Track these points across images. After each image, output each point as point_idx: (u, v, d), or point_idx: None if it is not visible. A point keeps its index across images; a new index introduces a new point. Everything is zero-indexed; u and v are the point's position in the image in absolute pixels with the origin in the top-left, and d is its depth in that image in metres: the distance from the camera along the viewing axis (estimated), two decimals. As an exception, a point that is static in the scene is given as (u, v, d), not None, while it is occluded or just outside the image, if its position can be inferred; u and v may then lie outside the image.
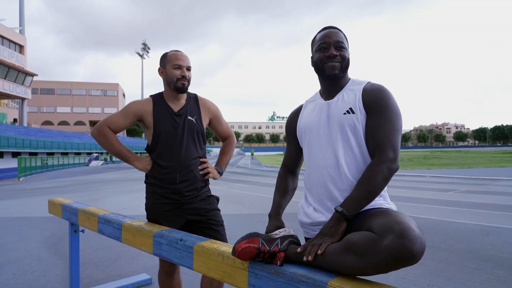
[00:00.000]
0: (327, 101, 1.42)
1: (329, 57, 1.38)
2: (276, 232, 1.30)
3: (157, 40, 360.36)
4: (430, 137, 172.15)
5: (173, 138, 1.99)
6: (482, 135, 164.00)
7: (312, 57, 1.46)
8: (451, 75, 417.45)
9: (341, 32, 1.44)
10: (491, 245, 4.36)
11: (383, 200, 1.32)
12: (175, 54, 2.00)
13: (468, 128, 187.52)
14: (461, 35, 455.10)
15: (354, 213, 1.20)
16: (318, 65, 1.41)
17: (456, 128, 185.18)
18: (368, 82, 1.40)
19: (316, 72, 1.46)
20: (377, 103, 1.30)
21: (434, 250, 4.13)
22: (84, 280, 3.25)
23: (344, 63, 1.40)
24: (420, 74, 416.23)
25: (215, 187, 11.19)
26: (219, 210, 2.16)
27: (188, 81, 2.00)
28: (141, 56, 78.29)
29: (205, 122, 2.13)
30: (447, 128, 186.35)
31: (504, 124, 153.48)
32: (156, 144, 2.01)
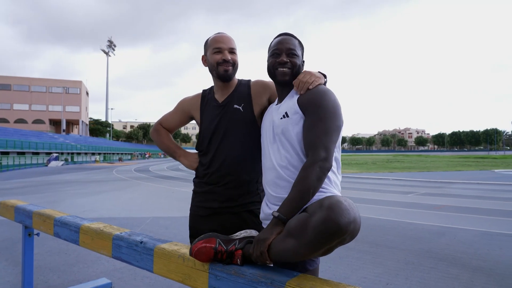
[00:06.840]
0: (274, 106, 1.51)
1: (280, 64, 1.43)
2: (237, 233, 1.31)
3: (124, 36, 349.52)
4: (393, 141, 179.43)
5: (216, 133, 1.73)
6: (441, 140, 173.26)
7: (267, 62, 1.51)
8: (414, 82, 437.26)
9: (296, 39, 1.48)
10: (447, 245, 4.59)
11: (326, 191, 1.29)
12: (215, 37, 1.72)
13: (428, 134, 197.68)
14: (424, 42, 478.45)
15: (291, 215, 1.17)
16: (271, 70, 1.47)
17: (417, 133, 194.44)
18: None
19: (270, 77, 1.51)
20: (311, 103, 1.32)
21: (393, 251, 4.29)
22: (39, 286, 3.09)
23: (295, 70, 1.45)
24: (384, 80, 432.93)
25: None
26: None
27: (233, 65, 1.71)
28: (107, 53, 75.86)
29: (258, 107, 1.73)
30: (409, 133, 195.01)
31: (461, 130, 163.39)
32: (202, 141, 1.79)
